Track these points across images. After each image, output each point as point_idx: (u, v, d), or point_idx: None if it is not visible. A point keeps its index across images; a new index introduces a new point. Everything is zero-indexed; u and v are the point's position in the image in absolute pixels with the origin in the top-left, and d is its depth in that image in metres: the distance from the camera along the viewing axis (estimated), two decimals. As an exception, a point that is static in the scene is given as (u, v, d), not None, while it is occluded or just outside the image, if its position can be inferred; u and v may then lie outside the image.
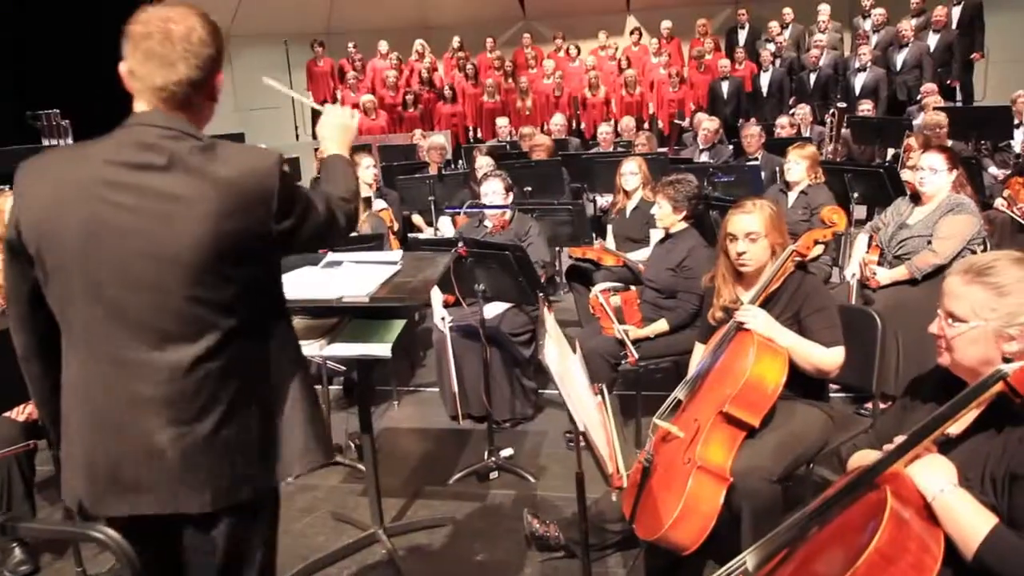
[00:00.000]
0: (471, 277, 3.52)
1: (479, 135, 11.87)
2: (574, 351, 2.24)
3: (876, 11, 10.45)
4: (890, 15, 10.38)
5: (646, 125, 11.37)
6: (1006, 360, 1.53)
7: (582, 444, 1.97)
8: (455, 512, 3.43)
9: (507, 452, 3.77)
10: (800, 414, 2.63)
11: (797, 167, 4.67)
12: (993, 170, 7.08)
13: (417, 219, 6.67)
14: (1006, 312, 1.56)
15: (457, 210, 3.92)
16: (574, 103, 11.77)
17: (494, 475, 3.66)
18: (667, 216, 3.78)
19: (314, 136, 12.37)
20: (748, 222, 2.65)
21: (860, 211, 5.94)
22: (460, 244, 3.41)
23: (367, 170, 5.77)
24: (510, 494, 3.53)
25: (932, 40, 9.69)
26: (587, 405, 1.94)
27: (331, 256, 3.00)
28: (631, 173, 5.02)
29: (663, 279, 3.75)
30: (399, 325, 2.78)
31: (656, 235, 4.25)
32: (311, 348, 2.70)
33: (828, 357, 2.57)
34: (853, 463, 1.79)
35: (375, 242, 3.83)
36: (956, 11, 10.01)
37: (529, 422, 4.20)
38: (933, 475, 1.50)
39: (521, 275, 3.35)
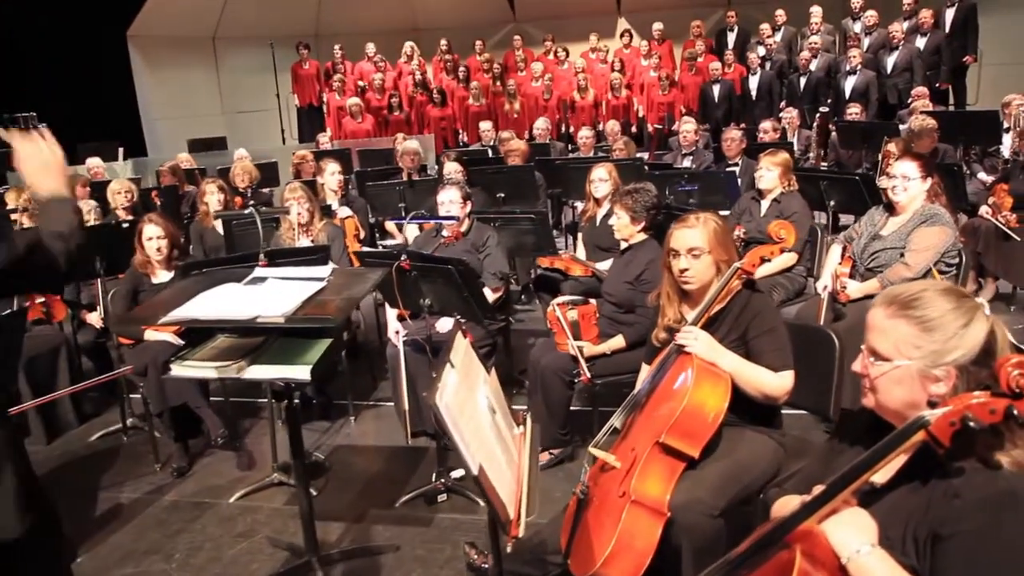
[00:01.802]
0: (417, 291, 3.36)
1: (465, 139, 11.71)
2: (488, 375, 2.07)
3: (867, 13, 10.27)
4: (882, 17, 10.22)
5: (634, 128, 11.23)
6: (932, 404, 1.36)
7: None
8: (398, 537, 3.26)
9: (457, 473, 3.60)
10: (747, 442, 2.46)
11: (769, 174, 4.49)
12: (982, 175, 6.91)
13: (390, 226, 6.51)
14: (931, 350, 1.39)
15: (401, 220, 3.75)
16: (563, 106, 11.61)
17: (442, 498, 3.50)
18: (625, 227, 3.61)
19: (299, 140, 12.35)
20: (690, 237, 2.49)
21: (847, 218, 5.78)
22: (403, 257, 3.25)
23: (332, 176, 5.63)
24: (457, 519, 3.36)
25: (920, 43, 9.53)
26: (489, 442, 1.77)
27: (257, 272, 2.85)
28: (600, 180, 4.85)
29: (621, 293, 3.59)
30: (323, 345, 2.61)
31: (628, 245, 4.09)
32: (228, 371, 2.54)
33: (776, 382, 2.40)
34: (775, 511, 1.62)
35: (320, 254, 3.65)
36: (949, 13, 9.85)
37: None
38: (849, 533, 1.33)
39: (466, 290, 3.18)
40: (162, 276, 4.16)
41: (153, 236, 4.08)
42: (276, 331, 2.61)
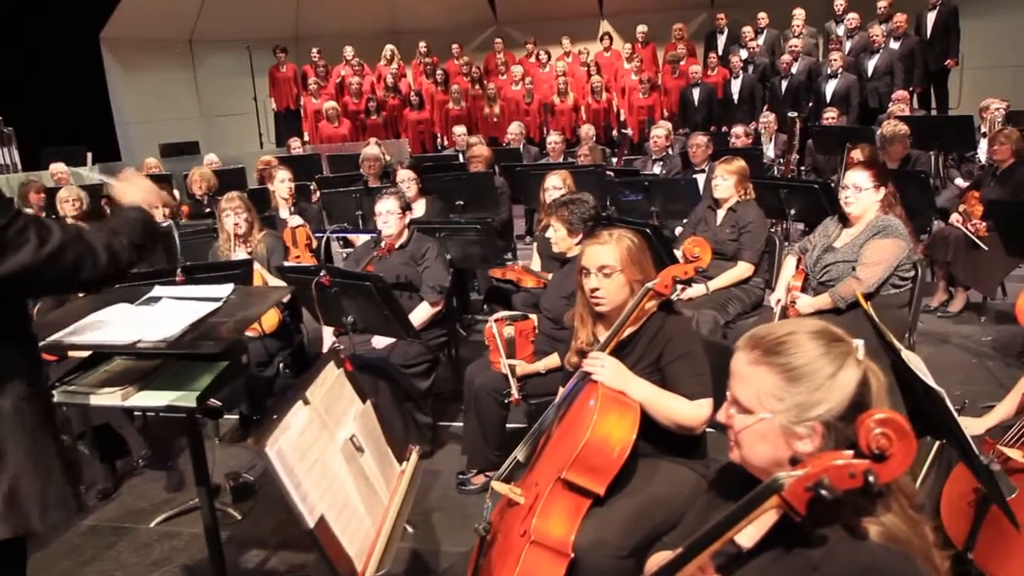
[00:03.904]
0: (339, 307, 3.20)
1: (445, 143, 11.55)
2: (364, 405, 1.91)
3: (849, 15, 10.12)
4: (864, 19, 10.05)
5: (615, 133, 11.07)
6: (794, 462, 1.20)
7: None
8: (316, 565, 3.09)
9: (388, 497, 3.43)
10: (663, 475, 2.30)
11: (724, 183, 4.32)
12: (959, 181, 6.76)
13: (354, 235, 6.34)
14: (794, 403, 1.21)
15: (322, 234, 3.60)
16: (544, 110, 11.45)
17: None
18: (562, 240, 3.45)
19: (277, 144, 12.17)
20: (601, 255, 2.32)
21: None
22: (323, 273, 3.08)
23: (282, 184, 5.47)
24: (381, 547, 3.19)
25: (894, 46, 9.39)
26: (342, 488, 1.60)
27: (155, 291, 2.69)
28: (555, 188, 4.68)
29: (558, 309, 3.41)
30: (217, 369, 2.45)
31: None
32: (112, 398, 2.37)
33: (690, 411, 2.23)
34: (647, 570, 1.46)
35: (242, 269, 3.48)
36: (931, 17, 9.69)
37: (426, 459, 3.87)
38: (699, 609, 1.17)
39: (385, 307, 3.02)
40: (90, 289, 3.99)
41: None
42: (164, 355, 2.47)
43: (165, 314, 2.46)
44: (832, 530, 1.15)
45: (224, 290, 2.60)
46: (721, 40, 11.80)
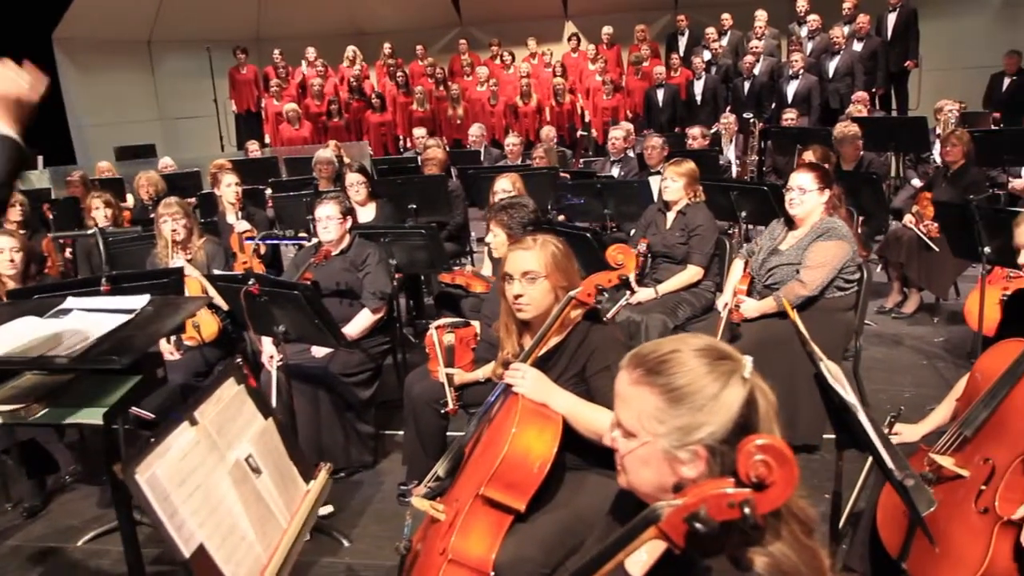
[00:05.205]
0: (270, 316, 3.10)
1: (409, 145, 11.44)
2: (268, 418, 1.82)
3: (810, 17, 10.16)
4: (825, 21, 10.10)
5: (579, 134, 11.04)
6: (678, 489, 1.13)
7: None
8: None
9: (326, 509, 3.34)
10: (590, 488, 2.22)
11: (674, 185, 4.27)
12: (916, 182, 6.79)
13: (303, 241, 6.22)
14: (676, 426, 1.14)
15: (252, 240, 3.50)
16: (510, 111, 11.39)
17: (305, 538, 3.22)
18: (502, 245, 3.37)
19: (238, 147, 11.98)
20: (525, 260, 2.25)
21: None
22: (251, 281, 2.98)
23: (228, 188, 5.34)
24: (316, 561, 3.10)
25: (857, 47, 9.44)
26: (229, 513, 1.51)
27: (67, 302, 2.57)
28: (504, 191, 4.60)
29: (497, 315, 3.34)
30: (130, 384, 2.35)
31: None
32: (15, 416, 2.26)
33: (616, 424, 2.17)
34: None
35: (171, 277, 3.36)
36: (891, 18, 9.76)
37: (368, 470, 3.78)
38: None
39: (316, 317, 2.92)
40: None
41: (5, 248, 3.77)
42: (73, 370, 2.37)
43: (74, 327, 2.34)
44: (716, 561, 1.08)
45: (139, 301, 2.49)
46: (682, 42, 11.81)
